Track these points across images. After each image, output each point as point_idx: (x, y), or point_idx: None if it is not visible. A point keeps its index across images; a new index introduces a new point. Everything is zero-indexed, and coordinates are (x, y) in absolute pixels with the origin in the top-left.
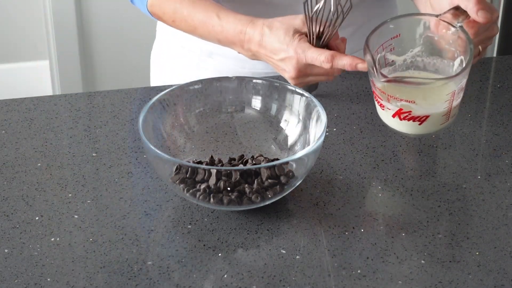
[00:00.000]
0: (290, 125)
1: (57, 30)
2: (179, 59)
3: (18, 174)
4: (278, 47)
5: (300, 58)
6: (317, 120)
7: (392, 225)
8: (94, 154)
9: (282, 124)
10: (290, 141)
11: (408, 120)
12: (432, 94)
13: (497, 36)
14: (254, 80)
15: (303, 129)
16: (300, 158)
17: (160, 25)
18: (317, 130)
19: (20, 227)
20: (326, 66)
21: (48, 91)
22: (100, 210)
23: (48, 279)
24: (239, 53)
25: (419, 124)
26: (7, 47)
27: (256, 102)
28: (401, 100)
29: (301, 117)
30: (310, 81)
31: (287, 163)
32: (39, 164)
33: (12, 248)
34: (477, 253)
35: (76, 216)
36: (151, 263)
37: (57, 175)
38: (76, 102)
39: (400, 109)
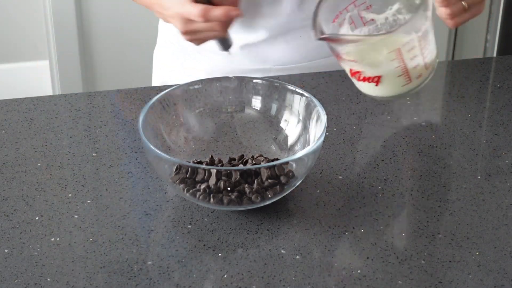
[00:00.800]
0: (290, 125)
1: (57, 30)
2: (174, 55)
3: (18, 174)
4: (168, 4)
5: (181, 14)
6: (317, 120)
7: (392, 225)
8: (94, 154)
9: (282, 124)
10: (290, 141)
11: (364, 80)
12: (370, 52)
13: (497, 36)
14: (254, 80)
15: (303, 129)
16: (300, 158)
17: (161, 23)
18: (317, 130)
19: (20, 227)
20: (200, 20)
21: (48, 91)
22: (100, 210)
23: (48, 279)
24: (159, 17)
25: (376, 85)
26: (7, 47)
27: (256, 102)
28: (345, 59)
29: (301, 117)
30: (204, 38)
31: (287, 163)
32: (39, 164)
33: (12, 248)
34: (477, 253)
35: (76, 216)
36: (151, 263)
37: (57, 175)
38: (76, 102)
39: (351, 70)
